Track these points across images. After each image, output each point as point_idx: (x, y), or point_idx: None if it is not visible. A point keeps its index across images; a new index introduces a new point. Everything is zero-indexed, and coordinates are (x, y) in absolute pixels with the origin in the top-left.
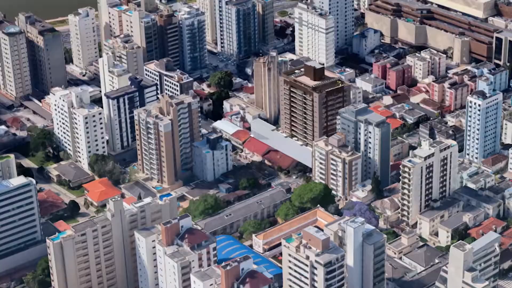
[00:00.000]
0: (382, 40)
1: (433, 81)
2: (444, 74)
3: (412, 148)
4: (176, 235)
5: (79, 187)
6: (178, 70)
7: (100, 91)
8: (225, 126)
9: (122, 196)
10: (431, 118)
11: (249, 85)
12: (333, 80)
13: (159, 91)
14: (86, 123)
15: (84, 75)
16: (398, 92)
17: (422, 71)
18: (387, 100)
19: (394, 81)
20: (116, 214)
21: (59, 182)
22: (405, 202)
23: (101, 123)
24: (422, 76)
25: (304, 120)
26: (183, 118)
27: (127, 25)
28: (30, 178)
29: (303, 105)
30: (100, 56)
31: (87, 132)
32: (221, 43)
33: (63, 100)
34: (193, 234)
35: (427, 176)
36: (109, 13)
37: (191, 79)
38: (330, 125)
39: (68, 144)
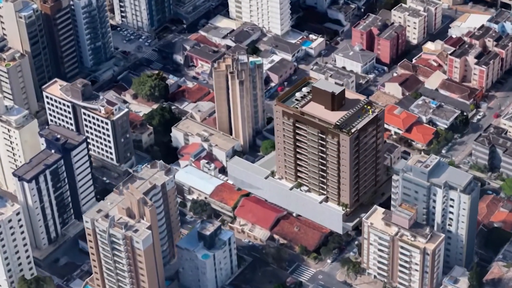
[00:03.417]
0: None
1: (450, 54)
2: (440, 27)
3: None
4: None
5: None
6: (101, 96)
7: None
8: (195, 180)
9: None
10: (469, 116)
11: (189, 84)
12: (360, 107)
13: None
14: (0, 233)
15: None
16: (401, 70)
17: (417, 30)
18: (393, 88)
19: (387, 53)
20: None
21: None
22: None
23: (21, 226)
24: (418, 37)
25: (322, 167)
26: (157, 207)
27: None
28: None
29: (320, 147)
30: None
31: (3, 246)
32: (122, 12)
33: None
34: None
35: None
36: None
37: (126, 109)
38: (361, 171)
39: None
